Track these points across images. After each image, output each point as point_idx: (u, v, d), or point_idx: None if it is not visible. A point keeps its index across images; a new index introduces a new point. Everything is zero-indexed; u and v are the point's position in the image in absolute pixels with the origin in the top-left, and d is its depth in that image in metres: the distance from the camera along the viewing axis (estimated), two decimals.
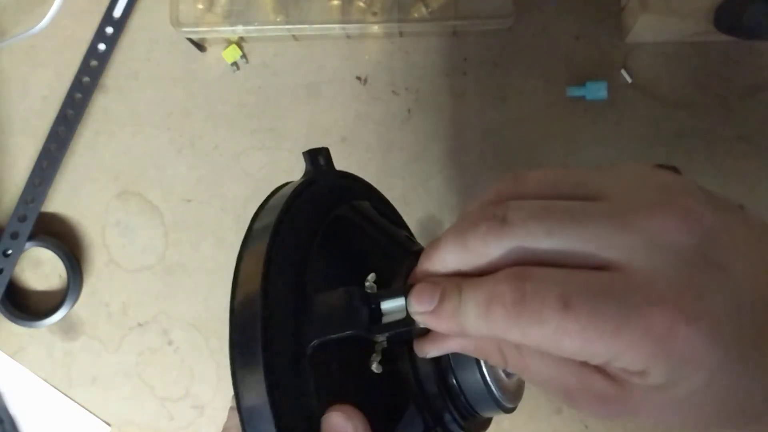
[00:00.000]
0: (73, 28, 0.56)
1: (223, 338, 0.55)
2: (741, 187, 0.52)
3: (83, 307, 0.56)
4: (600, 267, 0.20)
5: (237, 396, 0.24)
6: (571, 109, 0.53)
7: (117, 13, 0.55)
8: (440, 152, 0.54)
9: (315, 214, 0.29)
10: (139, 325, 0.55)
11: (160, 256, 0.55)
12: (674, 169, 0.22)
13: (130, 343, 0.55)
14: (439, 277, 0.23)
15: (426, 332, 0.26)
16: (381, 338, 0.25)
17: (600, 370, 0.21)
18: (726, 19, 0.46)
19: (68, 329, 0.56)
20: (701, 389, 0.19)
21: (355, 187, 0.34)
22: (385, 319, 0.25)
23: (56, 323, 0.55)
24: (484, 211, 0.22)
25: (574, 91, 0.52)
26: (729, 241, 0.20)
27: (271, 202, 0.29)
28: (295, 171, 0.55)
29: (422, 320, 0.23)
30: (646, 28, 0.50)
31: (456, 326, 0.22)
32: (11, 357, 0.56)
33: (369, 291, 0.26)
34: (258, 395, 0.23)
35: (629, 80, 0.53)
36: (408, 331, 0.25)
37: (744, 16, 0.45)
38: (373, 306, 0.25)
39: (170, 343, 0.55)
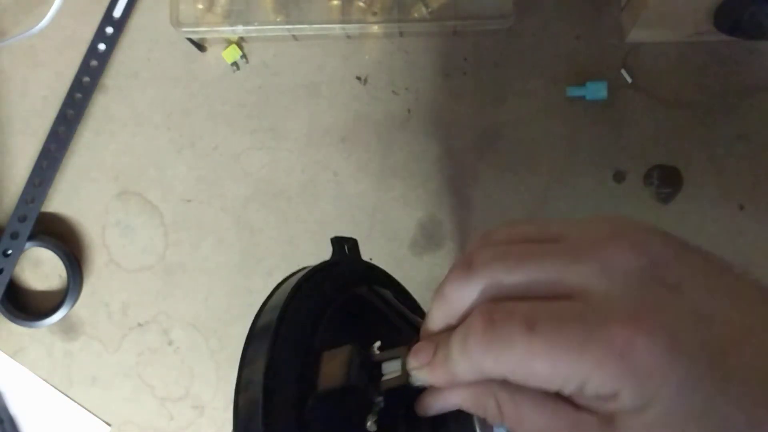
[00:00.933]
0: (73, 28, 0.56)
1: (223, 338, 0.55)
2: (741, 188, 0.52)
3: (83, 307, 0.56)
4: (562, 297, 0.21)
5: None
6: (571, 109, 0.53)
7: (117, 13, 0.55)
8: (440, 152, 0.54)
9: (333, 286, 0.31)
10: (139, 325, 0.55)
11: (160, 256, 0.55)
12: (674, 170, 0.23)
13: (130, 343, 0.55)
14: (436, 335, 0.25)
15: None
16: (379, 398, 0.26)
17: (592, 413, 0.22)
18: (726, 19, 0.46)
19: (68, 329, 0.56)
20: (676, 408, 0.20)
21: (377, 276, 0.35)
22: (385, 379, 0.27)
23: (56, 323, 0.55)
24: (455, 264, 0.24)
25: (574, 91, 0.53)
26: (681, 266, 0.21)
27: (298, 273, 0.31)
28: (294, 171, 0.55)
29: (419, 375, 0.25)
30: (646, 28, 0.50)
31: (448, 374, 0.23)
32: (11, 357, 0.56)
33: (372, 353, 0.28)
34: None
35: (629, 80, 0.53)
36: (405, 395, 0.26)
37: (744, 16, 0.45)
38: (374, 365, 0.27)
39: (170, 343, 0.55)
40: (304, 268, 0.32)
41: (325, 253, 0.54)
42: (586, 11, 0.53)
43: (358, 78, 0.55)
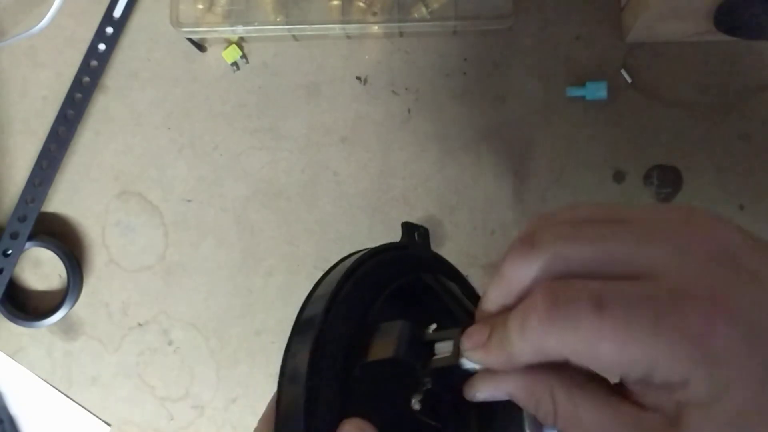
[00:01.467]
0: (73, 28, 0.56)
1: (223, 338, 0.55)
2: (741, 188, 0.52)
3: (83, 307, 0.56)
4: (632, 278, 0.20)
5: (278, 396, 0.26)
6: (571, 109, 0.53)
7: (117, 13, 0.55)
8: (440, 152, 0.54)
9: (399, 265, 0.31)
10: (139, 325, 0.55)
11: (160, 256, 0.55)
12: (674, 170, 0.22)
13: (130, 343, 0.55)
14: (491, 318, 0.24)
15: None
16: (426, 378, 0.26)
17: (657, 412, 0.20)
18: (726, 19, 0.46)
19: (68, 329, 0.56)
20: (750, 402, 0.18)
21: (445, 268, 0.35)
22: (435, 358, 0.26)
23: (56, 323, 0.55)
24: (516, 240, 0.23)
25: (574, 91, 0.52)
26: (759, 256, 0.20)
27: (368, 249, 0.31)
28: (294, 171, 0.55)
29: (473, 357, 0.24)
30: (646, 28, 0.50)
31: (504, 355, 0.22)
32: (11, 357, 0.56)
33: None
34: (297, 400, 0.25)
35: (629, 80, 0.53)
36: (454, 381, 0.26)
37: (744, 16, 0.45)
38: (425, 344, 0.26)
39: (170, 343, 0.55)
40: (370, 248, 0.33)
41: (324, 252, 0.54)
42: (586, 11, 0.53)
43: (358, 78, 0.55)
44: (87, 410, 0.56)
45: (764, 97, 0.52)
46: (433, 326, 0.27)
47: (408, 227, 0.33)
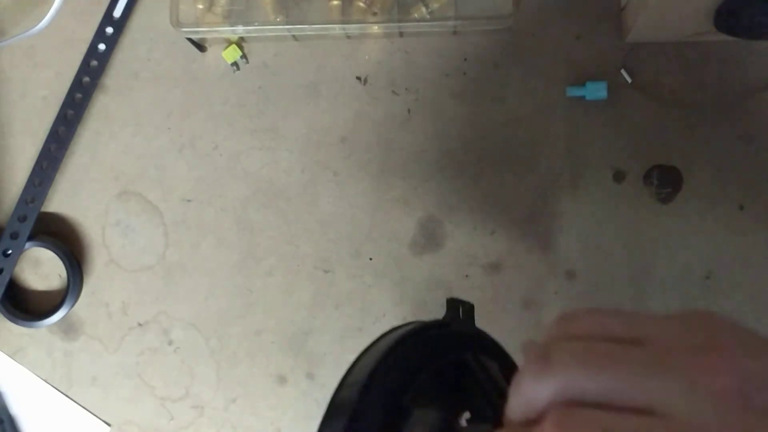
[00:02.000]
0: (73, 28, 0.56)
1: (223, 338, 0.55)
2: (741, 188, 0.52)
3: (83, 307, 0.56)
4: (644, 411, 0.20)
5: None
6: (571, 109, 0.53)
7: (117, 13, 0.55)
8: (440, 152, 0.54)
9: (437, 346, 0.31)
10: (139, 325, 0.55)
11: (160, 256, 0.55)
12: (674, 170, 0.23)
13: (130, 343, 0.55)
14: (518, 427, 0.24)
15: None
16: None
17: None
18: (726, 19, 0.46)
19: (68, 329, 0.56)
20: None
21: (487, 345, 0.35)
22: None
23: (56, 323, 0.55)
24: (532, 353, 0.23)
25: (574, 91, 0.53)
26: None
27: (407, 326, 0.32)
28: (294, 171, 0.55)
29: None
30: (646, 28, 0.50)
31: None
32: (11, 357, 0.56)
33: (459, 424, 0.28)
34: None
35: (629, 80, 0.53)
36: None
37: (744, 16, 0.45)
38: None
39: (170, 343, 0.55)
40: (414, 322, 0.32)
41: (324, 252, 0.54)
42: (586, 11, 0.53)
43: (358, 78, 0.55)
44: (87, 410, 0.56)
45: (764, 97, 0.52)
46: (467, 415, 0.28)
47: (452, 303, 0.33)
